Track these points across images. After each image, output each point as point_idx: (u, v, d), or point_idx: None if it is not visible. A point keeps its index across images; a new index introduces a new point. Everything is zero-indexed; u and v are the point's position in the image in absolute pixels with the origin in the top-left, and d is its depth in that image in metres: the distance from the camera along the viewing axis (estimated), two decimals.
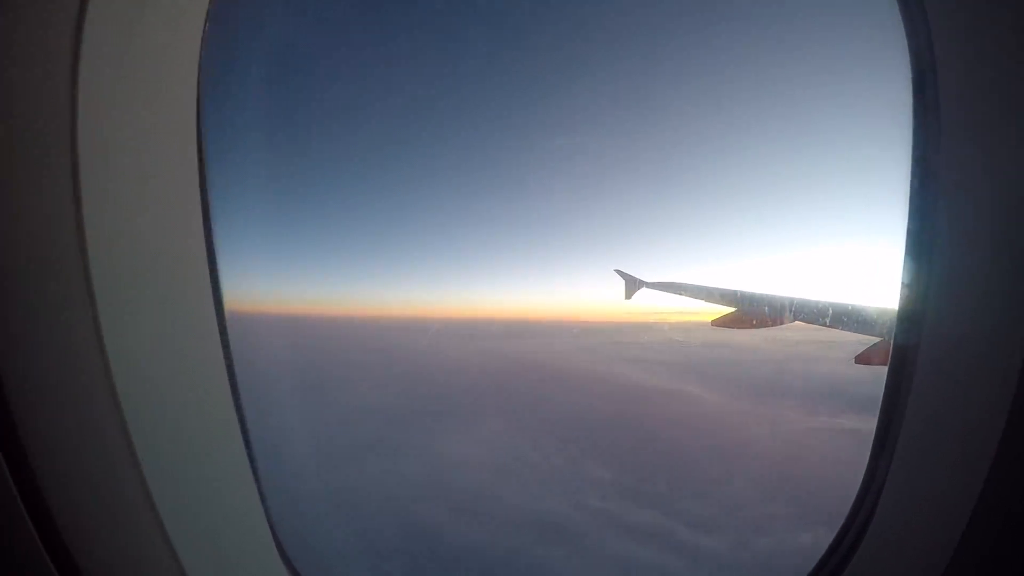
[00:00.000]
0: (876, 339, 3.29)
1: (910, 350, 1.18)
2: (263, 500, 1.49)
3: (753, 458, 9.16)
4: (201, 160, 1.29)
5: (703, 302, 5.67)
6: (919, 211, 1.20)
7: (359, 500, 6.77)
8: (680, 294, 6.44)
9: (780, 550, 6.47)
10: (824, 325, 4.02)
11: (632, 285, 7.41)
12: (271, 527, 1.52)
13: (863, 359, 3.40)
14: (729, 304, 5.13)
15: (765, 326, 4.80)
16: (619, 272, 7.54)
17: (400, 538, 6.10)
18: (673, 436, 10.31)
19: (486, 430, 10.28)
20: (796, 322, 4.45)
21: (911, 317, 1.19)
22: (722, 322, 5.09)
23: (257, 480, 1.47)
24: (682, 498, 7.67)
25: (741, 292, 5.23)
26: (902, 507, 1.22)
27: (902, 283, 1.22)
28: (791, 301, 4.57)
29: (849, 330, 3.62)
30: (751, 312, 4.97)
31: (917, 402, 1.17)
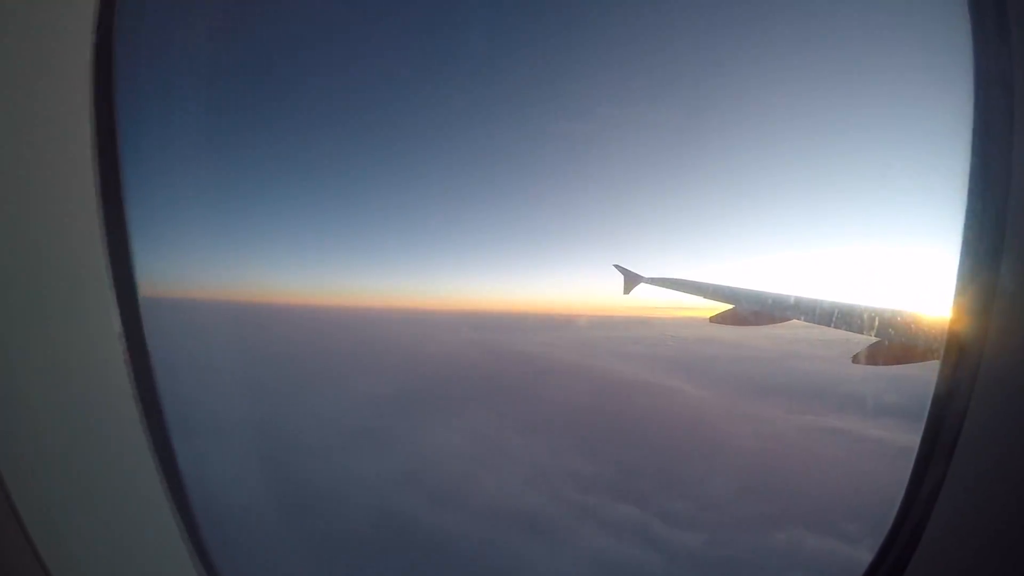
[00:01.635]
0: (874, 339, 3.29)
1: (971, 354, 1.14)
2: (180, 507, 1.35)
3: (737, 455, 9.19)
4: (112, 155, 1.22)
5: (701, 298, 5.66)
6: (982, 213, 1.15)
7: (295, 500, 6.52)
8: (678, 290, 6.42)
9: (762, 551, 6.50)
10: (822, 324, 4.01)
11: (631, 280, 7.39)
12: (191, 535, 1.38)
13: (860, 359, 3.40)
14: (727, 301, 5.13)
15: (763, 323, 4.80)
16: (618, 267, 7.52)
17: (341, 537, 5.97)
18: (663, 432, 10.33)
19: (468, 423, 10.23)
20: (794, 320, 4.44)
21: (971, 321, 1.15)
22: (720, 319, 5.08)
23: (171, 486, 1.33)
24: (665, 494, 7.69)
25: (740, 289, 5.22)
26: (960, 520, 1.16)
27: (959, 285, 1.18)
28: (790, 299, 4.56)
29: (847, 329, 3.62)
30: (749, 309, 4.97)
31: (978, 411, 1.12)
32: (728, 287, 5.35)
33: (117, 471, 1.28)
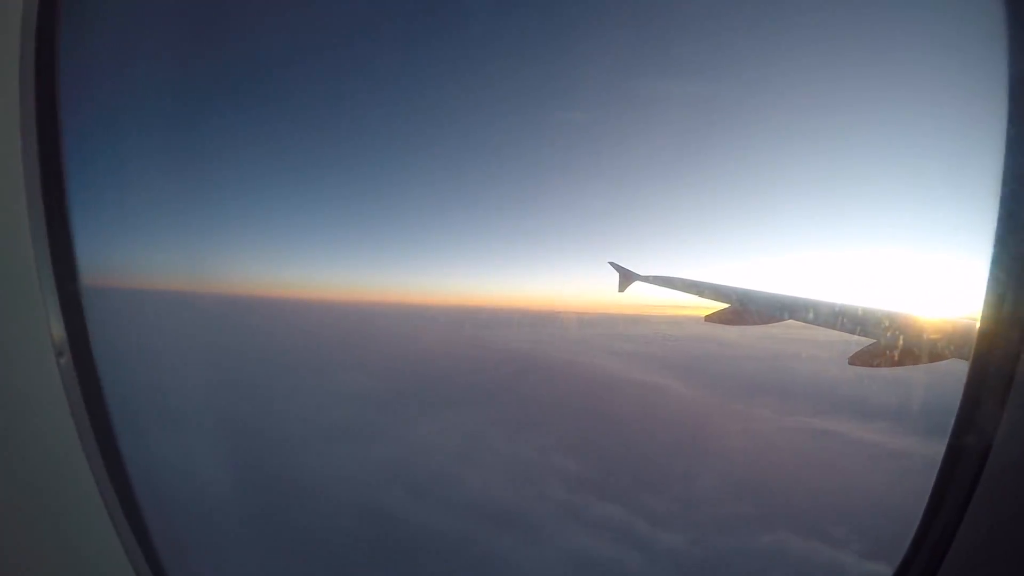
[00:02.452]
0: (871, 340, 3.25)
1: (1007, 356, 1.08)
2: (127, 512, 1.29)
3: (728, 455, 9.19)
4: (55, 155, 1.17)
5: (697, 297, 5.62)
6: (1016, 217, 1.11)
7: (247, 504, 6.30)
8: (674, 288, 6.38)
9: (749, 553, 6.49)
10: (819, 324, 3.97)
11: (626, 278, 7.34)
12: (139, 539, 1.33)
13: (857, 360, 3.36)
14: (723, 300, 5.08)
15: (758, 323, 4.76)
16: (613, 264, 7.47)
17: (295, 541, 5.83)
18: (654, 431, 10.32)
19: (455, 420, 10.16)
20: (790, 320, 4.40)
21: (1008, 323, 1.10)
22: (715, 318, 5.04)
23: (117, 490, 1.27)
24: (654, 494, 7.66)
25: (735, 288, 5.18)
26: (994, 524, 1.11)
27: (992, 286, 1.12)
28: (786, 299, 4.53)
29: (844, 330, 3.57)
30: (745, 309, 4.93)
31: (1014, 417, 1.07)
32: (724, 286, 5.31)
33: (55, 476, 1.22)
